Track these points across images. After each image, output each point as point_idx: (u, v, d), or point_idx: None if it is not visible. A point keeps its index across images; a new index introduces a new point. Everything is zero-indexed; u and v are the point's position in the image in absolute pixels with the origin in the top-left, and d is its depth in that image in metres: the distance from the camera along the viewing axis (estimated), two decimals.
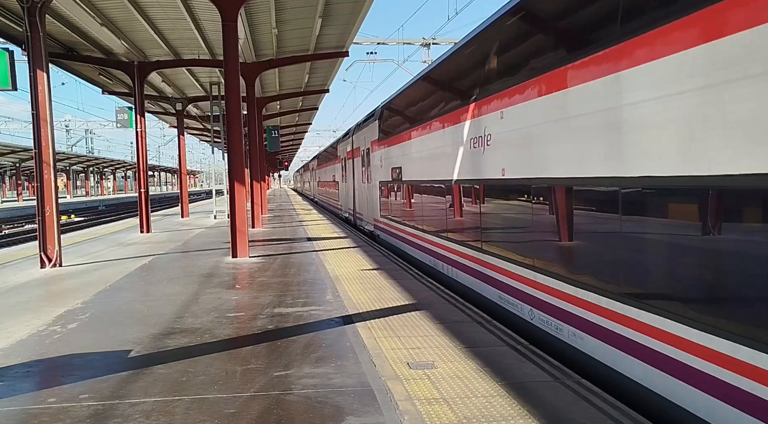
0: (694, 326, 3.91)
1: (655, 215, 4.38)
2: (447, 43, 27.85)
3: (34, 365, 5.65)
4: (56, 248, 12.33)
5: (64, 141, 74.74)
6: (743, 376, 3.51)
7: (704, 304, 3.92)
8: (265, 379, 4.98)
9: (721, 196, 3.76)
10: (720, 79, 3.62)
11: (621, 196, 4.73)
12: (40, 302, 8.79)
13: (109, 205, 57.84)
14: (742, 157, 3.47)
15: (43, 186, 12.28)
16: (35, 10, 11.96)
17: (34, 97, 12.12)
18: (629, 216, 4.67)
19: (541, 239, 6.35)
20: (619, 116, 4.70)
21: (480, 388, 4.61)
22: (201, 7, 14.79)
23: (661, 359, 4.28)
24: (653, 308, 4.36)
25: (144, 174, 21.14)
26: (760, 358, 3.38)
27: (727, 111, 3.59)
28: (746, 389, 3.48)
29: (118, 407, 4.44)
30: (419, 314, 7.15)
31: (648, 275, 4.50)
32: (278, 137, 33.08)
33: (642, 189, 4.49)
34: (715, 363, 3.73)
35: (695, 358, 3.92)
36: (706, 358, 3.81)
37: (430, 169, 10.69)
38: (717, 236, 3.83)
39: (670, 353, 4.17)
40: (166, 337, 6.46)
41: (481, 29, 8.23)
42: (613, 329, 4.88)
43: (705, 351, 3.82)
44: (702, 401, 3.89)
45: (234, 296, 8.70)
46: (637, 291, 4.59)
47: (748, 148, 3.43)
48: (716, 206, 3.81)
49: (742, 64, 3.45)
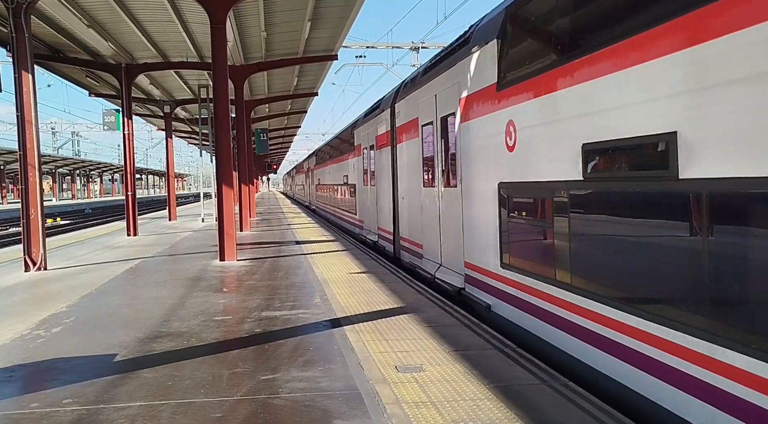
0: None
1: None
2: (436, 46, 27.94)
3: (17, 369, 5.57)
4: (41, 251, 12.19)
5: (51, 143, 74.20)
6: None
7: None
8: (252, 382, 4.95)
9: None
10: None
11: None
12: (24, 306, 8.67)
13: (95, 208, 57.36)
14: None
15: (27, 189, 12.14)
16: (20, 11, 11.84)
17: (19, 98, 11.99)
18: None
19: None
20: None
21: (468, 391, 4.61)
22: (189, 9, 14.72)
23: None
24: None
25: (131, 177, 20.98)
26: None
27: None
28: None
29: (103, 412, 4.39)
30: (407, 317, 7.14)
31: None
32: (267, 140, 33.01)
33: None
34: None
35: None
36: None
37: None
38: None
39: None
40: (152, 341, 6.39)
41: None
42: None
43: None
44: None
45: (221, 299, 8.64)
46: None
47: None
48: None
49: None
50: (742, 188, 3.55)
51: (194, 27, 16.43)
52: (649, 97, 4.34)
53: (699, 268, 3.89)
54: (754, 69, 3.43)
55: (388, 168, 13.40)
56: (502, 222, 7.00)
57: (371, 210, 16.20)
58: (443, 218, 9.36)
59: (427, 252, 10.46)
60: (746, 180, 3.49)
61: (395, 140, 12.68)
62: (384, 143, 13.87)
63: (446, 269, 9.31)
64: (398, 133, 12.38)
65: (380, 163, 14.47)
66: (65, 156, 72.14)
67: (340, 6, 15.37)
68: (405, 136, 11.78)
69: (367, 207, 16.84)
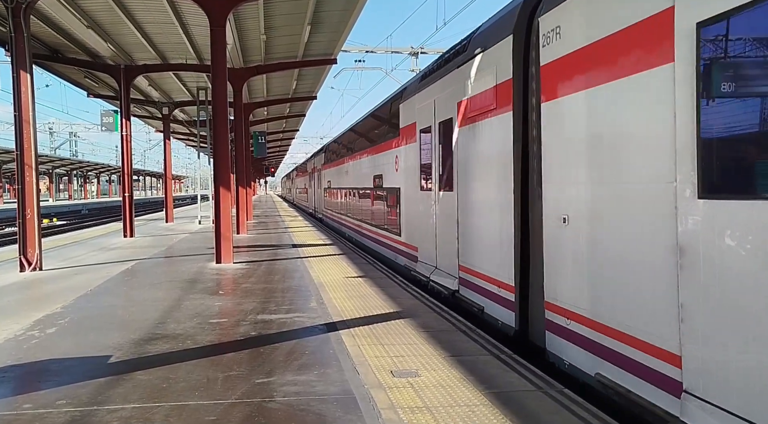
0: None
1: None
2: (435, 52, 27.99)
3: (10, 370, 5.54)
4: (36, 251, 12.15)
5: (48, 144, 74.07)
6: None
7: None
8: (247, 386, 4.93)
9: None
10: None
11: None
12: (18, 306, 8.63)
13: (92, 209, 57.20)
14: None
15: (24, 189, 12.10)
16: (20, 10, 11.83)
17: (16, 98, 11.96)
18: None
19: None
20: None
21: (463, 397, 4.60)
22: (189, 11, 14.73)
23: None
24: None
25: (128, 178, 20.94)
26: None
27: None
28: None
29: (96, 414, 4.36)
30: (403, 322, 7.13)
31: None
32: (265, 143, 32.97)
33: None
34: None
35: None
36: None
37: None
38: None
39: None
40: (147, 343, 6.37)
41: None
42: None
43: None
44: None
45: (217, 302, 8.62)
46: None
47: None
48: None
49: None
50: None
51: (194, 29, 16.43)
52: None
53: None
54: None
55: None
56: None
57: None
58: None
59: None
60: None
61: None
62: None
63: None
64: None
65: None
66: (62, 156, 71.93)
67: (340, 10, 15.40)
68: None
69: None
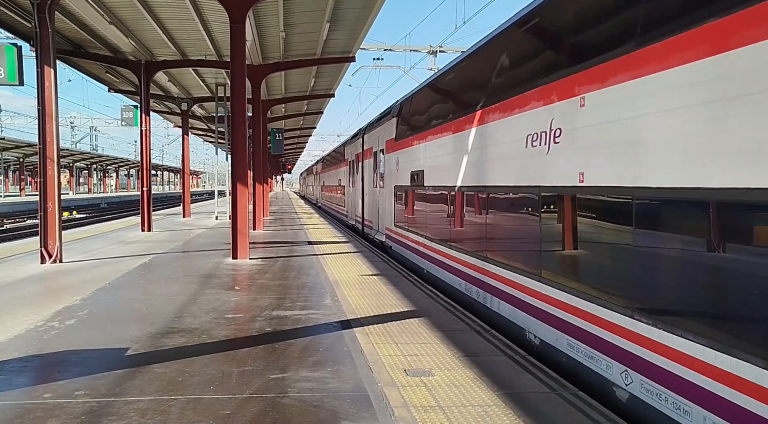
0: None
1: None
2: (454, 51, 27.86)
3: (31, 360, 5.64)
4: (57, 244, 12.34)
5: (69, 138, 75.07)
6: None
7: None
8: (262, 381, 4.97)
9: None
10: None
11: None
12: (38, 298, 8.79)
13: (111, 203, 57.89)
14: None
15: (46, 182, 12.30)
16: (45, 6, 12.02)
17: (40, 93, 12.16)
18: None
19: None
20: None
21: (476, 397, 4.60)
22: (209, 8, 14.85)
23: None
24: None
25: (147, 173, 21.17)
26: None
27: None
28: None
29: (114, 405, 4.43)
30: (417, 321, 7.14)
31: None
32: (282, 140, 33.12)
33: None
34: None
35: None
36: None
37: None
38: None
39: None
40: (163, 336, 6.45)
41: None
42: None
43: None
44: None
45: (233, 297, 8.69)
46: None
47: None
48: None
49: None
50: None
51: (214, 26, 16.55)
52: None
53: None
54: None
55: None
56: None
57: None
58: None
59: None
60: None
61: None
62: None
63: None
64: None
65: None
66: (83, 150, 72.89)
67: (359, 8, 15.41)
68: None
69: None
